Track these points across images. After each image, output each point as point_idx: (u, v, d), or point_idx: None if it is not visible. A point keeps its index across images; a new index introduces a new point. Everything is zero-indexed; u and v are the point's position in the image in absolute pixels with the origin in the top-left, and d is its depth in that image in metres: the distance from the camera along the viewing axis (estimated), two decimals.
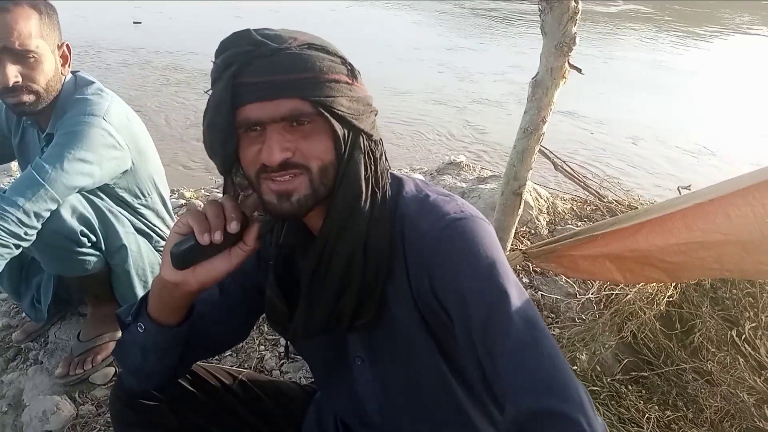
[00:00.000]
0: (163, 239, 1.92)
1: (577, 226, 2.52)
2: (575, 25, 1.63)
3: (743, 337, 1.91)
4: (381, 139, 0.92)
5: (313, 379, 1.37)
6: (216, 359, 1.87)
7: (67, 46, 1.62)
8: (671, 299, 2.02)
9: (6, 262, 1.46)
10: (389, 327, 0.93)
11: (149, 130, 1.85)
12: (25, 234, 1.46)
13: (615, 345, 1.90)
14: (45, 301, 1.88)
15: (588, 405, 0.74)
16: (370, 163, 0.88)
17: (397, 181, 0.96)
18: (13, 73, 1.48)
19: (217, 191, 3.41)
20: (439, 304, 0.87)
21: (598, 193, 2.84)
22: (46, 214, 1.50)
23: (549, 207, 2.73)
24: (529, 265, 2.21)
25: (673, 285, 2.03)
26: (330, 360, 1.06)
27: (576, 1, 1.60)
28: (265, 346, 1.99)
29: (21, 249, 1.49)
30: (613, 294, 2.08)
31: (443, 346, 0.94)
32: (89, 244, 1.65)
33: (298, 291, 0.94)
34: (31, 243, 1.50)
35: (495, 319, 0.80)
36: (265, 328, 2.05)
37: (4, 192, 1.46)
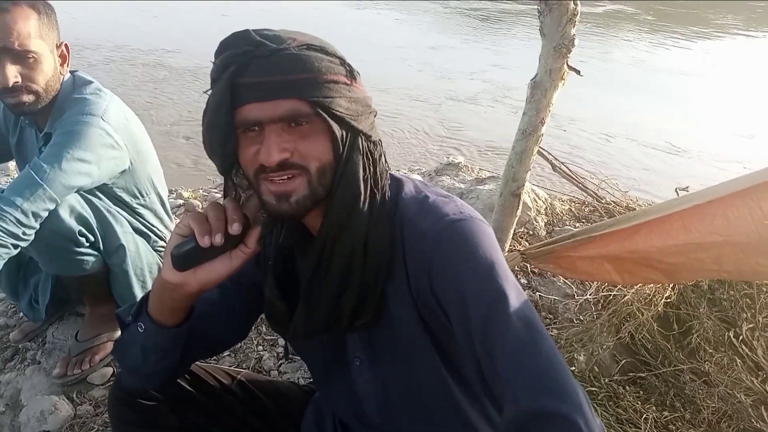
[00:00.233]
0: (161, 239, 1.92)
1: (575, 227, 2.52)
2: (574, 26, 1.63)
3: (740, 338, 1.91)
4: (380, 140, 0.92)
5: (311, 380, 1.37)
6: (214, 359, 1.87)
7: (66, 45, 1.63)
8: (669, 300, 2.02)
9: (4, 262, 1.45)
10: (388, 327, 0.94)
11: None
12: (24, 234, 1.46)
13: (613, 346, 1.90)
14: (43, 301, 1.88)
15: (586, 405, 0.74)
16: (368, 164, 0.88)
17: (397, 182, 0.96)
18: (13, 73, 1.48)
19: (216, 191, 3.41)
20: (438, 305, 0.87)
21: (596, 194, 2.84)
22: (45, 214, 1.50)
23: (547, 208, 2.73)
24: (527, 265, 2.21)
25: (671, 286, 2.03)
26: (329, 360, 1.06)
27: (575, 3, 1.60)
28: (263, 346, 1.99)
29: (19, 249, 1.49)
30: (611, 295, 2.08)
31: (442, 347, 0.94)
32: (87, 244, 1.65)
33: (297, 291, 0.94)
34: (29, 243, 1.50)
35: (494, 319, 0.80)
36: (264, 329, 2.05)
37: (2, 192, 1.46)
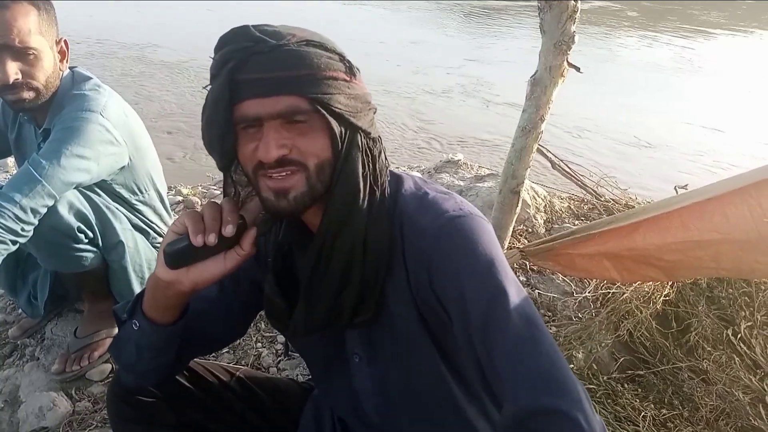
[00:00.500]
0: (160, 236, 1.91)
1: (575, 225, 2.52)
2: (574, 23, 1.62)
3: (739, 336, 1.91)
4: (380, 137, 0.92)
5: (310, 377, 1.37)
6: (213, 356, 1.87)
7: (65, 41, 1.62)
8: (668, 298, 2.02)
9: (2, 258, 1.45)
10: (388, 324, 0.94)
11: None
12: (22, 230, 1.46)
13: (611, 343, 1.90)
14: (41, 298, 1.88)
15: (586, 403, 0.74)
16: (367, 161, 0.88)
17: (396, 179, 0.96)
18: (14, 70, 1.48)
19: (215, 188, 3.40)
20: (437, 302, 0.87)
21: (596, 191, 2.84)
22: (43, 210, 1.49)
23: (546, 205, 2.73)
24: (527, 263, 2.21)
25: (670, 284, 2.03)
26: (328, 357, 1.06)
27: (575, 0, 1.60)
28: (262, 343, 1.99)
29: (18, 245, 1.48)
30: (609, 292, 2.08)
31: (441, 344, 0.94)
32: (86, 241, 1.64)
33: (297, 288, 0.94)
34: (27, 239, 1.50)
35: (493, 316, 0.80)
36: (263, 326, 2.05)
37: (0, 188, 1.46)
